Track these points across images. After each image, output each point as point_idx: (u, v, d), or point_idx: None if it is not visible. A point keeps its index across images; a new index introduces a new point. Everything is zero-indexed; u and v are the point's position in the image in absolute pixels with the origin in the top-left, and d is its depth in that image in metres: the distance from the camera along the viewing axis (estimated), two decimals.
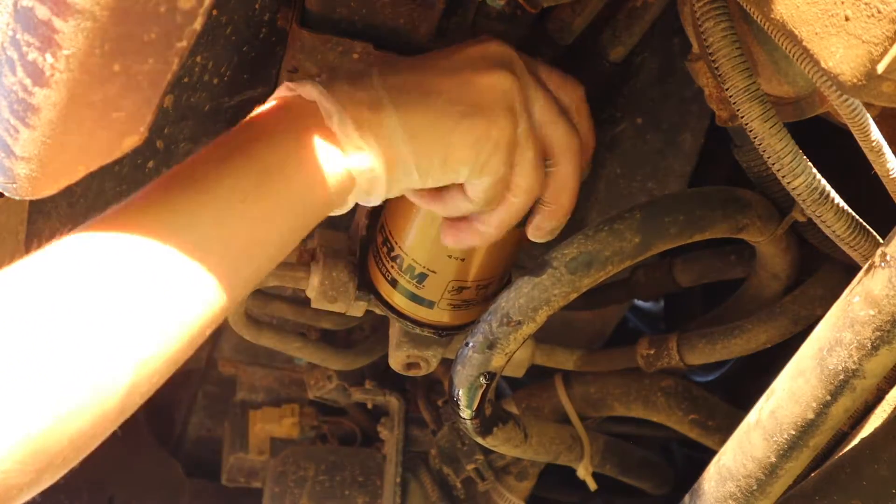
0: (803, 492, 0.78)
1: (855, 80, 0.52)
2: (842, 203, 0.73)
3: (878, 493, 0.74)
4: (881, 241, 0.67)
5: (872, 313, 0.62)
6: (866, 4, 0.50)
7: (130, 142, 0.57)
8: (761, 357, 1.04)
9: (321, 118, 0.68)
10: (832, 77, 0.53)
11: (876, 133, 0.66)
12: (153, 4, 0.49)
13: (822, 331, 0.67)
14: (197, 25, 0.52)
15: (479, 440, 0.99)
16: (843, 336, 0.64)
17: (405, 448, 1.39)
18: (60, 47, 0.49)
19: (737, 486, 0.75)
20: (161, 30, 0.51)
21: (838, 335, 0.65)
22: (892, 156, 0.67)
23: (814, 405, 0.67)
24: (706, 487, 0.78)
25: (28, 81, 0.51)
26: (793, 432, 0.69)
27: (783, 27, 0.57)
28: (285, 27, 0.85)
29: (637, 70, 1.02)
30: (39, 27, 0.49)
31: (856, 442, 0.78)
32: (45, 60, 0.50)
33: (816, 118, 0.77)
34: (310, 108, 0.68)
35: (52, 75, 0.50)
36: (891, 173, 0.67)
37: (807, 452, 0.71)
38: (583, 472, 1.16)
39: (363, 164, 0.68)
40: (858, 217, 0.74)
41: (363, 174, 0.68)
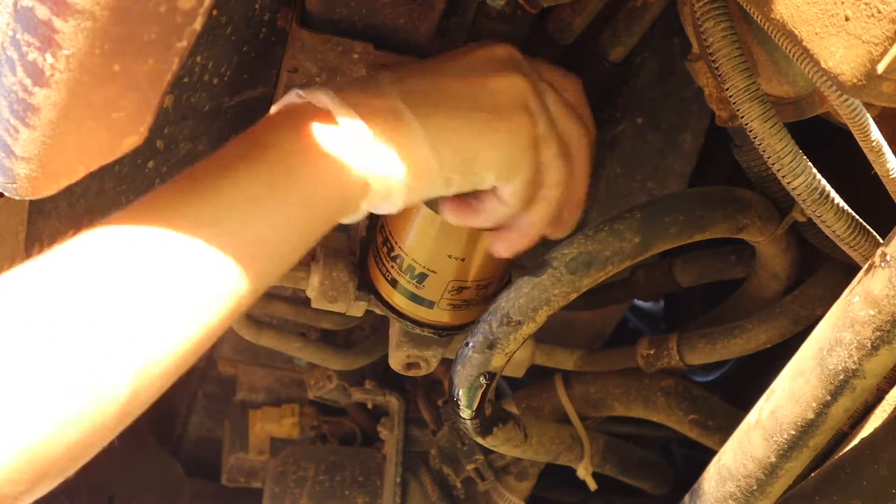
0: (803, 492, 0.78)
1: (855, 80, 0.52)
2: (842, 203, 0.73)
3: (878, 493, 0.74)
4: (881, 241, 0.67)
5: (872, 313, 0.62)
6: (866, 4, 0.50)
7: (130, 142, 0.57)
8: (761, 357, 1.04)
9: (334, 125, 0.67)
10: (832, 77, 0.53)
11: (876, 133, 0.66)
12: (153, 4, 0.49)
13: (822, 331, 0.67)
14: (197, 25, 0.52)
15: (479, 440, 0.99)
16: (843, 336, 0.64)
17: (405, 448, 1.39)
18: (60, 47, 0.49)
19: (737, 486, 0.75)
20: (161, 30, 0.51)
21: (838, 335, 0.65)
22: (892, 156, 0.67)
23: (814, 405, 0.67)
24: (706, 487, 0.78)
25: (28, 81, 0.52)
26: (793, 432, 0.69)
27: (783, 27, 0.57)
28: (285, 27, 0.85)
29: (637, 70, 1.02)
30: (39, 27, 0.49)
31: (856, 442, 0.78)
32: (45, 60, 0.50)
33: (816, 118, 0.77)
34: (322, 116, 0.67)
35: (52, 75, 0.50)
36: (891, 173, 0.67)
37: (807, 452, 0.71)
38: (583, 472, 1.16)
39: (380, 172, 0.67)
40: (858, 217, 0.74)
41: (379, 181, 0.68)
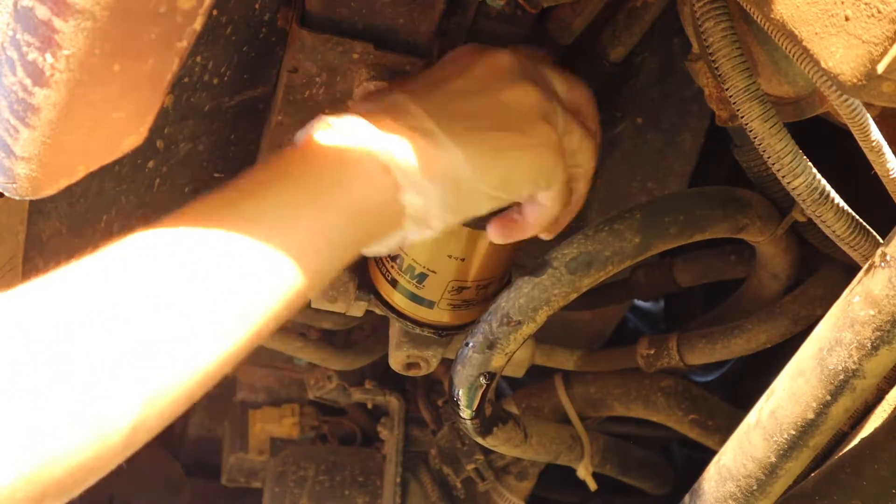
0: (803, 492, 0.78)
1: (855, 80, 0.52)
2: (842, 203, 0.73)
3: (878, 493, 0.74)
4: (881, 241, 0.67)
5: (872, 313, 0.62)
6: (866, 4, 0.50)
7: (130, 142, 0.57)
8: (761, 357, 1.04)
9: (369, 152, 0.65)
10: (832, 77, 0.53)
11: (876, 133, 0.66)
12: (153, 4, 0.49)
13: (822, 331, 0.67)
14: (197, 25, 0.52)
15: (479, 440, 0.99)
16: (843, 336, 0.64)
17: (405, 448, 1.39)
18: (60, 47, 0.49)
19: (737, 486, 0.75)
20: (161, 30, 0.51)
21: (838, 335, 0.65)
22: (892, 156, 0.67)
23: (814, 405, 0.67)
24: (706, 487, 0.78)
25: (28, 81, 0.52)
26: (793, 432, 0.69)
27: (783, 27, 0.57)
28: (285, 27, 0.85)
29: (637, 70, 1.02)
30: (39, 27, 0.49)
31: (856, 442, 0.78)
32: (45, 60, 0.50)
33: (816, 118, 0.77)
34: (355, 139, 0.66)
35: (52, 75, 0.50)
36: (891, 173, 0.67)
37: (807, 452, 0.71)
38: (583, 472, 1.16)
39: (419, 196, 0.67)
40: (858, 217, 0.74)
41: (415, 204, 0.67)
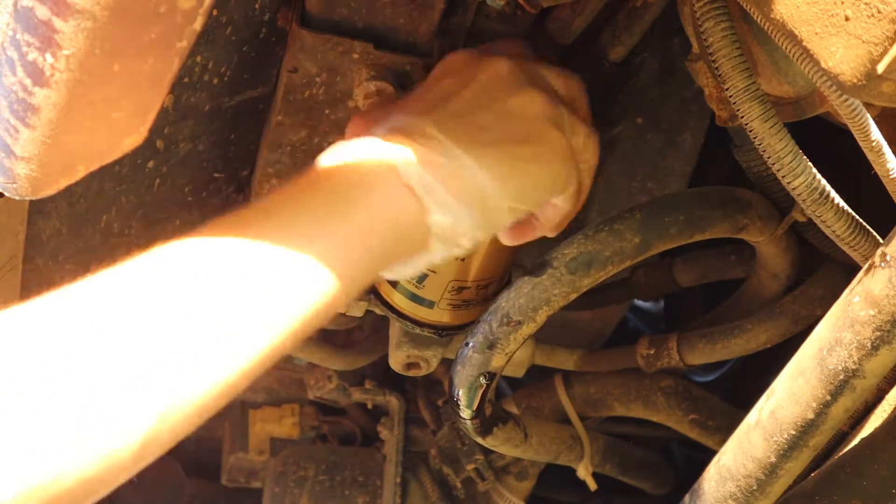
0: (803, 492, 0.78)
1: (855, 80, 0.52)
2: (842, 203, 0.73)
3: (878, 493, 0.74)
4: (881, 241, 0.67)
5: (872, 313, 0.62)
6: (866, 4, 0.50)
7: (130, 142, 0.57)
8: (761, 357, 1.04)
9: (393, 175, 0.65)
10: (832, 77, 0.53)
11: (876, 133, 0.66)
12: (153, 4, 0.49)
13: (822, 331, 0.67)
14: (197, 25, 0.52)
15: (479, 440, 0.99)
16: (843, 336, 0.64)
17: (405, 448, 1.39)
18: (60, 47, 0.49)
19: (737, 486, 0.75)
20: (161, 30, 0.51)
21: (838, 335, 0.65)
22: (892, 156, 0.67)
23: (814, 405, 0.67)
24: (706, 487, 0.78)
25: (28, 81, 0.51)
26: (793, 432, 0.69)
27: (783, 27, 0.57)
28: (285, 27, 0.85)
29: (637, 70, 1.02)
30: (39, 27, 0.49)
31: (856, 442, 0.78)
32: (45, 60, 0.50)
33: (816, 118, 0.77)
34: (379, 163, 0.66)
35: (52, 75, 0.50)
36: (891, 173, 0.67)
37: (807, 452, 0.71)
38: (583, 472, 1.16)
39: (447, 216, 0.67)
40: (858, 217, 0.74)
41: (442, 223, 0.67)
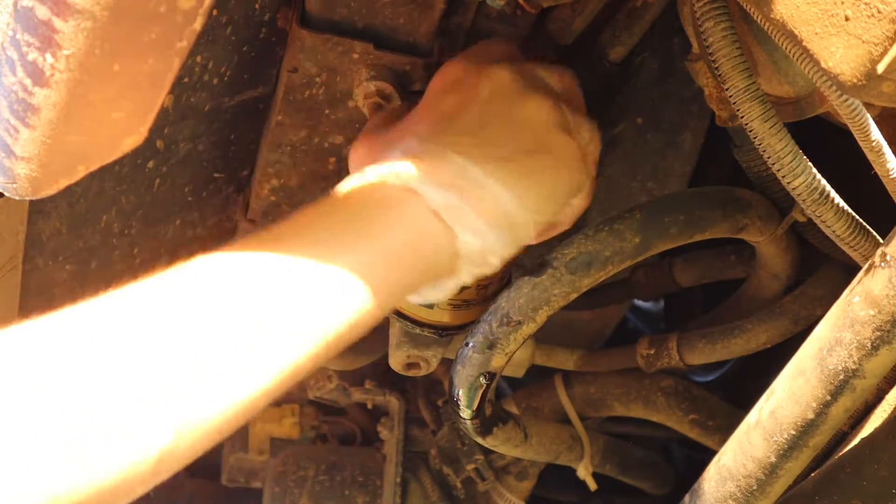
0: (803, 492, 0.78)
1: (855, 80, 0.52)
2: (842, 203, 0.73)
3: (878, 493, 0.74)
4: (881, 241, 0.67)
5: (872, 313, 0.62)
6: (866, 4, 0.50)
7: (130, 142, 0.57)
8: (761, 357, 1.04)
9: (417, 200, 0.66)
10: (832, 77, 0.53)
11: (876, 133, 0.66)
12: (153, 4, 0.49)
13: (822, 331, 0.67)
14: (197, 25, 0.52)
15: (479, 440, 0.99)
16: (843, 336, 0.64)
17: (405, 448, 1.39)
18: (60, 47, 0.49)
19: (737, 486, 0.75)
20: (161, 30, 0.51)
21: (838, 335, 0.65)
22: (892, 156, 0.67)
23: (814, 405, 0.67)
24: (706, 487, 0.78)
25: (28, 81, 0.51)
26: (793, 432, 0.69)
27: (783, 27, 0.57)
28: (285, 27, 0.85)
29: (637, 70, 1.02)
30: (39, 27, 0.49)
31: (856, 442, 0.78)
32: (45, 60, 0.50)
33: (816, 118, 0.77)
34: (403, 190, 0.66)
35: (52, 75, 0.50)
36: (891, 173, 0.67)
37: (807, 452, 0.71)
38: (583, 472, 1.16)
39: (476, 239, 0.68)
40: (858, 217, 0.74)
41: (471, 245, 0.68)
